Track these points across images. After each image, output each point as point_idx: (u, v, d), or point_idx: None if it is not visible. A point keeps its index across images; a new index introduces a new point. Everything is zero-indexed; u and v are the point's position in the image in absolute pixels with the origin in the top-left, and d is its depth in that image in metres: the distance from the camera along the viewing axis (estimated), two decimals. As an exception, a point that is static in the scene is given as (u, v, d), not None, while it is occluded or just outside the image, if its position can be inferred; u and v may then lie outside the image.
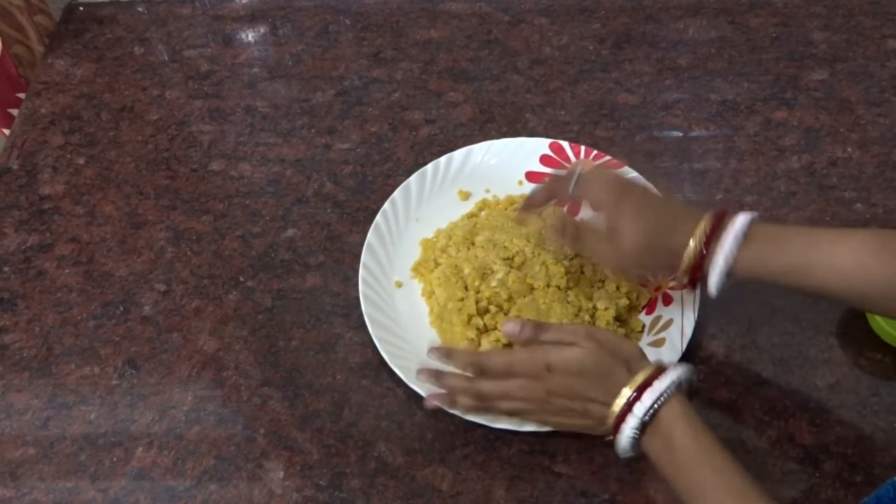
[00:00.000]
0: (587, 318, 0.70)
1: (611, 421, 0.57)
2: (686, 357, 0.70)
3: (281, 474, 0.66)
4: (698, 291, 0.71)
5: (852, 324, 0.72)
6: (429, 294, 0.74)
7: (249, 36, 0.99)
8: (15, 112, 0.95)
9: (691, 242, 0.60)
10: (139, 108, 0.92)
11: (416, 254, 0.77)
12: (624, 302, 0.71)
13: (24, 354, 0.74)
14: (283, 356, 0.73)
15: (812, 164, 0.83)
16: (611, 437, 0.58)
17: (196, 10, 1.01)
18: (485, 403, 0.62)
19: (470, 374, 0.62)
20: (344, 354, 0.72)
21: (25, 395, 0.71)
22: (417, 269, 0.76)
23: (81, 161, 0.87)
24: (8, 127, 0.96)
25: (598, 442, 0.66)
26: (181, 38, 0.99)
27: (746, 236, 0.59)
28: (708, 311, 0.73)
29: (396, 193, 0.79)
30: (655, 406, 0.55)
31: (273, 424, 0.69)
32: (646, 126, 0.87)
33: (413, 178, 0.80)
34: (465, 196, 0.81)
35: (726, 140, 0.86)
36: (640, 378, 0.56)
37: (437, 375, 0.63)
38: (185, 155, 0.88)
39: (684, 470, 0.54)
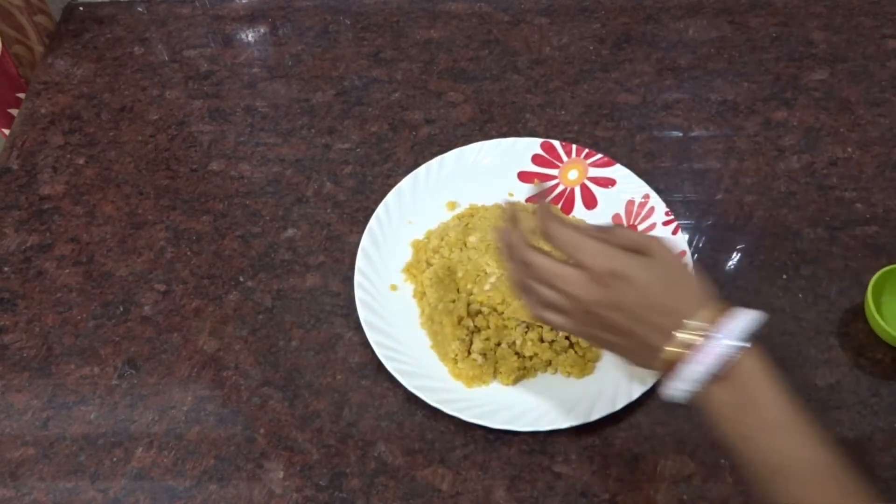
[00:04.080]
0: None
1: (668, 354, 0.48)
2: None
3: (281, 474, 0.66)
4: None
5: (852, 324, 0.72)
6: (420, 295, 0.74)
7: (249, 36, 0.99)
8: (15, 112, 0.95)
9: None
10: (139, 108, 0.92)
11: (409, 256, 0.77)
12: None
13: (24, 354, 0.74)
14: (283, 356, 0.73)
15: (812, 164, 0.83)
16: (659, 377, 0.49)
17: (196, 10, 1.01)
18: (529, 279, 0.53)
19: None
20: (344, 354, 0.72)
21: (25, 395, 0.71)
22: (409, 271, 0.76)
23: (81, 161, 0.87)
24: (8, 127, 0.96)
25: (598, 442, 0.66)
26: (181, 38, 0.99)
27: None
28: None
29: (389, 197, 0.79)
30: (735, 353, 0.46)
31: (273, 424, 0.69)
32: (646, 126, 0.87)
33: (406, 180, 0.80)
34: (453, 206, 0.81)
35: (726, 140, 0.86)
36: (709, 314, 0.47)
37: (511, 220, 0.55)
38: (185, 155, 0.88)
39: (766, 434, 0.46)
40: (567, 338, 0.70)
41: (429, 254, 0.76)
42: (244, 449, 0.67)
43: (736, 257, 0.77)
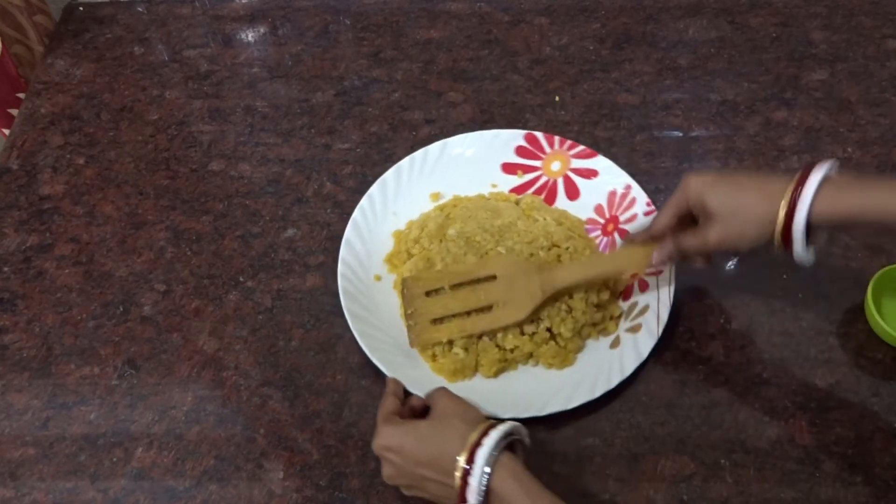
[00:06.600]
0: (564, 307, 0.70)
1: (454, 494, 0.56)
2: (684, 358, 0.70)
3: (281, 474, 0.66)
4: (673, 277, 0.71)
5: (852, 324, 0.72)
6: (399, 286, 0.74)
7: (249, 36, 0.99)
8: (15, 112, 0.95)
9: (781, 204, 0.59)
10: (139, 108, 0.92)
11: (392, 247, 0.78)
12: (603, 295, 0.72)
13: (24, 354, 0.74)
14: (283, 356, 0.73)
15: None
16: None
17: (196, 10, 1.01)
18: None
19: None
20: (344, 354, 0.72)
21: (25, 395, 0.71)
22: (391, 261, 0.76)
23: (81, 161, 0.87)
24: (8, 127, 0.96)
25: (598, 442, 0.66)
26: (181, 38, 0.99)
27: (827, 179, 0.58)
28: (707, 310, 0.73)
29: (374, 188, 0.79)
30: (485, 478, 0.54)
31: (273, 424, 0.69)
32: (646, 126, 0.87)
33: (390, 172, 0.80)
34: (437, 197, 0.81)
35: (726, 140, 0.86)
36: (468, 446, 0.55)
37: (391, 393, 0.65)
38: (185, 155, 0.88)
39: None
40: (548, 329, 0.70)
41: (409, 244, 0.76)
42: (244, 449, 0.67)
43: (736, 257, 0.77)
